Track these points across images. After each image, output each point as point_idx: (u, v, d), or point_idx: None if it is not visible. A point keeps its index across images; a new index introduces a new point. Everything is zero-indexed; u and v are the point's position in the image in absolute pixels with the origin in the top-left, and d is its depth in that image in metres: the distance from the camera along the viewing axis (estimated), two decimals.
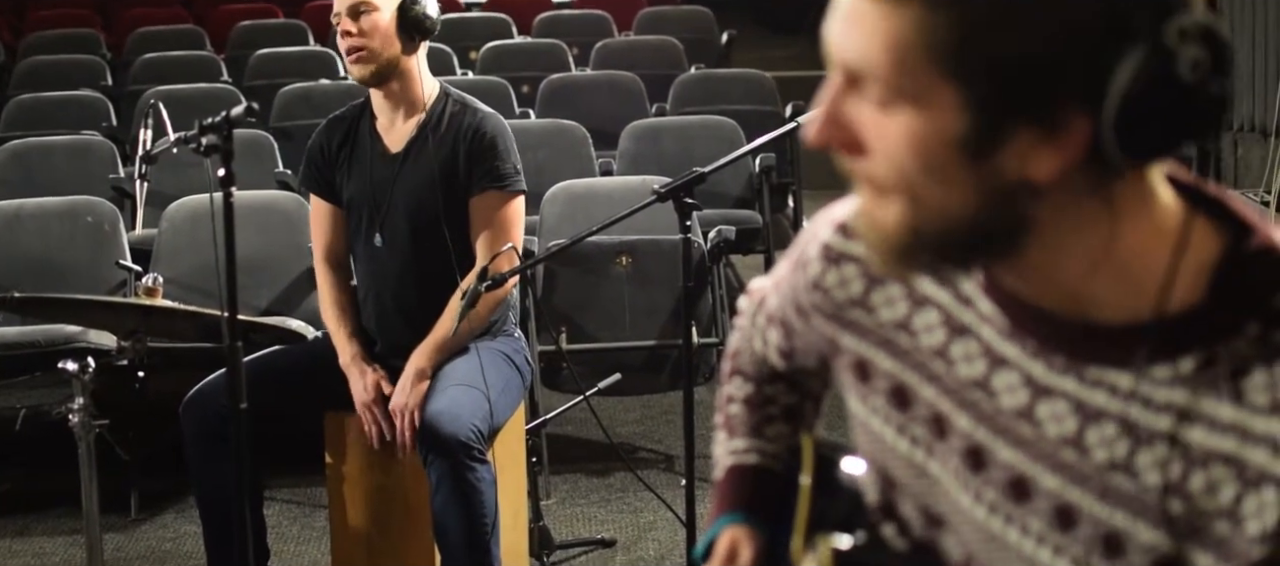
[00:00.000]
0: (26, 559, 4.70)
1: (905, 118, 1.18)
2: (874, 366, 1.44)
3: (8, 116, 8.24)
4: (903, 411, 1.41)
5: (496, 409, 3.72)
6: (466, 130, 3.82)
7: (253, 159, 6.62)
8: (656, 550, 4.56)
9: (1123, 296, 1.23)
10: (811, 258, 1.50)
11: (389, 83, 3.82)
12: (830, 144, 1.24)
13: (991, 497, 1.33)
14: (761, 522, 1.69)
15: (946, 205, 1.20)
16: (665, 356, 5.25)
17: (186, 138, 3.03)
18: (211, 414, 3.72)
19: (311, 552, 4.64)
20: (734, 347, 1.80)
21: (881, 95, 1.19)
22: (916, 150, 1.18)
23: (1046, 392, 1.28)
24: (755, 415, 1.75)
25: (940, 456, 1.38)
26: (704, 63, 9.43)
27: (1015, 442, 1.31)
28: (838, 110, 1.23)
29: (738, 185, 6.86)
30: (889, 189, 1.22)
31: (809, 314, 1.52)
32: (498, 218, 3.81)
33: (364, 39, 3.75)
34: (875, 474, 1.47)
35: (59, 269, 5.52)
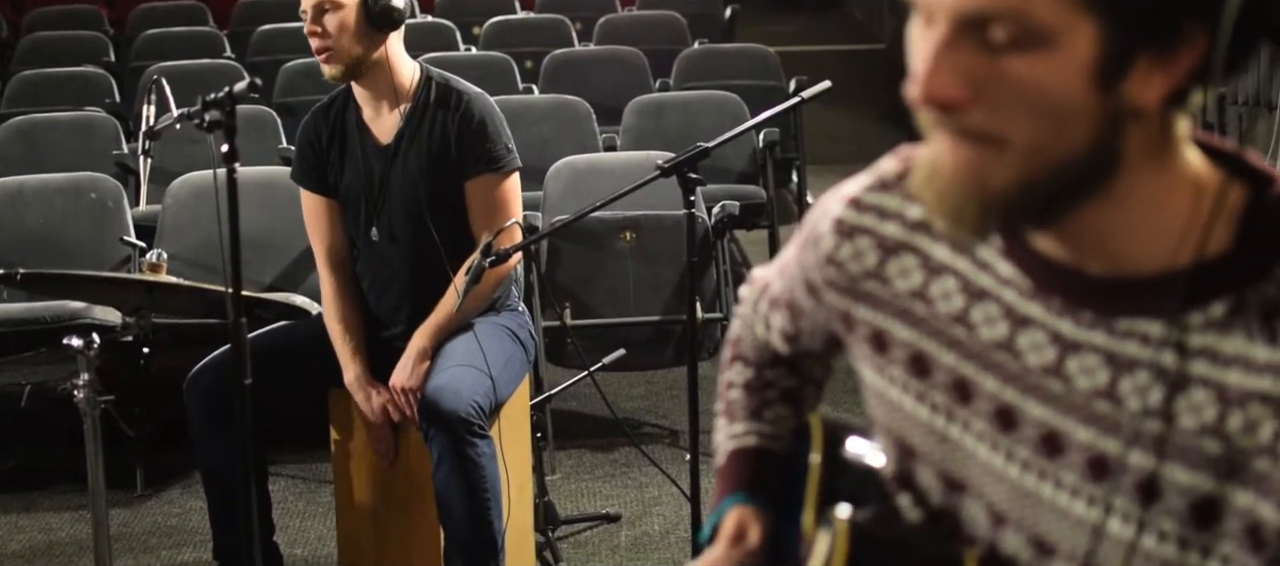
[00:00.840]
0: (33, 534, 4.71)
1: (1037, 57, 1.18)
2: (891, 337, 1.45)
3: (11, 93, 8.24)
4: (922, 379, 1.42)
5: (499, 384, 3.72)
6: (454, 115, 3.78)
7: (256, 135, 6.63)
8: (661, 524, 4.57)
9: (1152, 246, 1.25)
10: (824, 233, 1.50)
11: (364, 76, 3.78)
12: (941, 97, 1.21)
13: (1024, 455, 1.34)
14: (766, 502, 1.70)
15: (1059, 147, 1.20)
16: (669, 332, 5.26)
17: (190, 114, 3.02)
18: (215, 390, 3.72)
19: (317, 527, 4.65)
20: (735, 334, 1.80)
21: (1013, 37, 1.18)
22: (1050, 90, 1.18)
23: (1075, 348, 1.30)
24: (754, 399, 1.76)
25: (962, 421, 1.39)
26: (707, 38, 9.42)
27: (1046, 399, 1.32)
28: (948, 60, 1.21)
29: (742, 160, 6.85)
30: (1001, 141, 1.21)
31: (821, 290, 1.53)
32: (495, 198, 3.80)
33: (329, 39, 3.70)
34: (892, 444, 1.48)
35: (63, 245, 5.53)
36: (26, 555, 4.55)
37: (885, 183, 1.47)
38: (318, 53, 3.74)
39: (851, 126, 9.69)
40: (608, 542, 4.45)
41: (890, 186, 1.46)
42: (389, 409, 3.78)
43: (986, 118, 1.21)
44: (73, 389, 3.52)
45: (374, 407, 3.79)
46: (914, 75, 1.23)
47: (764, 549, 1.67)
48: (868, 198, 1.47)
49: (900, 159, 1.47)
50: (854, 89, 9.42)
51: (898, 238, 1.44)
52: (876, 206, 1.46)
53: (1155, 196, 1.25)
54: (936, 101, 1.21)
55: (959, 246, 1.39)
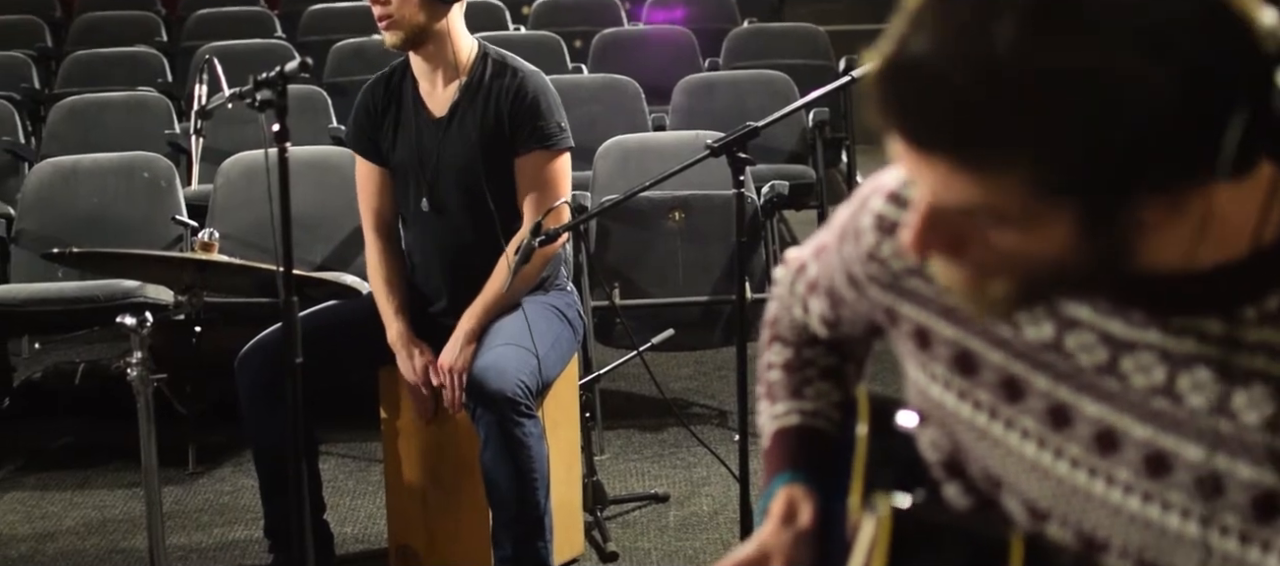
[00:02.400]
0: (87, 511, 4.75)
1: (1020, 231, 1.18)
2: (935, 334, 1.44)
3: (64, 73, 8.30)
4: (966, 377, 1.41)
5: (547, 364, 3.72)
6: (508, 91, 3.80)
7: (307, 114, 6.65)
8: (710, 505, 4.56)
9: (1207, 246, 1.24)
10: (864, 228, 1.50)
11: (424, 46, 3.79)
12: (930, 252, 1.24)
13: (1075, 452, 1.34)
14: (812, 479, 1.69)
15: (1060, 272, 1.21)
16: (718, 312, 5.25)
17: (242, 93, 3.03)
18: (267, 368, 3.75)
19: (367, 506, 4.67)
20: (772, 315, 1.79)
21: (990, 221, 1.19)
22: (1037, 251, 1.19)
23: (1129, 347, 1.29)
24: (795, 378, 1.75)
25: (1006, 419, 1.38)
26: (757, 16, 9.39)
27: (1101, 397, 1.32)
28: (936, 218, 1.22)
29: (791, 140, 6.83)
30: (994, 268, 1.23)
31: (863, 284, 1.52)
32: (544, 175, 3.80)
33: (391, 6, 3.71)
34: (940, 434, 1.47)
35: (116, 224, 5.57)
36: (81, 531, 4.59)
37: None
38: (379, 20, 3.74)
39: None
40: (656, 522, 4.46)
41: None
42: (430, 370, 3.79)
43: (980, 261, 1.23)
44: (126, 367, 3.54)
45: (415, 366, 3.80)
46: (905, 228, 1.25)
47: (815, 526, 1.67)
48: (908, 192, 1.46)
49: None
50: None
51: None
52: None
53: (1219, 214, 1.22)
54: (925, 256, 1.25)
55: None
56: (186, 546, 4.43)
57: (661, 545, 4.30)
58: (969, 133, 1.14)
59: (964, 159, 1.15)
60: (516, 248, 3.56)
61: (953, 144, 1.15)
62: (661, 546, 4.29)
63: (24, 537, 4.56)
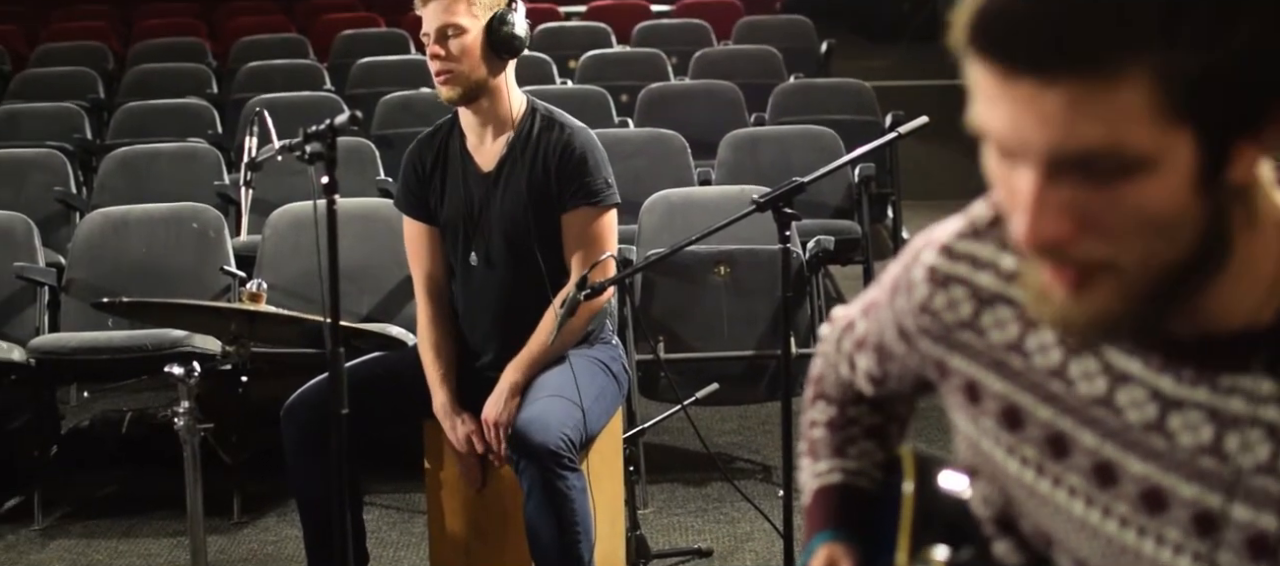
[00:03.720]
0: (132, 559, 4.77)
1: (1140, 181, 1.15)
2: (984, 388, 1.43)
3: (116, 124, 8.39)
4: (1013, 432, 1.40)
5: (590, 417, 3.72)
6: (556, 146, 3.81)
7: (355, 167, 6.69)
8: (754, 561, 4.55)
9: (1247, 301, 1.23)
10: (917, 281, 1.49)
11: (478, 101, 3.81)
12: (1050, 240, 1.18)
13: (1123, 511, 1.32)
14: (854, 538, 1.68)
15: (1171, 254, 1.18)
16: (763, 366, 5.24)
17: (291, 145, 3.05)
18: (312, 419, 3.75)
19: (410, 557, 4.67)
20: (817, 372, 1.78)
21: (1112, 169, 1.15)
22: (1158, 209, 1.16)
23: (1177, 405, 1.28)
24: (838, 436, 1.74)
25: (1053, 476, 1.37)
26: (803, 72, 9.41)
27: (1147, 455, 1.30)
28: (1050, 199, 1.17)
29: (837, 195, 6.83)
30: (1110, 265, 1.19)
31: (914, 338, 1.51)
32: (591, 232, 3.81)
33: (452, 62, 3.73)
34: (992, 490, 1.46)
35: (165, 274, 5.61)
36: None
37: (977, 229, 1.44)
38: (437, 74, 3.76)
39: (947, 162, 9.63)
40: None
41: (982, 234, 1.43)
42: (474, 439, 3.79)
43: (1096, 246, 1.18)
44: (173, 416, 3.57)
45: (459, 436, 3.80)
46: (1016, 220, 1.20)
47: None
48: (961, 246, 1.45)
49: (992, 204, 1.44)
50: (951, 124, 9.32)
51: (992, 288, 1.42)
52: (970, 255, 1.44)
53: (1249, 256, 1.22)
54: (1046, 245, 1.19)
55: None
56: None
57: None
58: (1089, 36, 1.11)
59: (1084, 72, 1.11)
60: (562, 301, 3.56)
61: (1073, 54, 1.11)
62: None
63: None
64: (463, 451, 3.81)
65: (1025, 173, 1.18)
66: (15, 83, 9.59)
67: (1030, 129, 1.15)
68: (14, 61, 10.43)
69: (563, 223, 3.81)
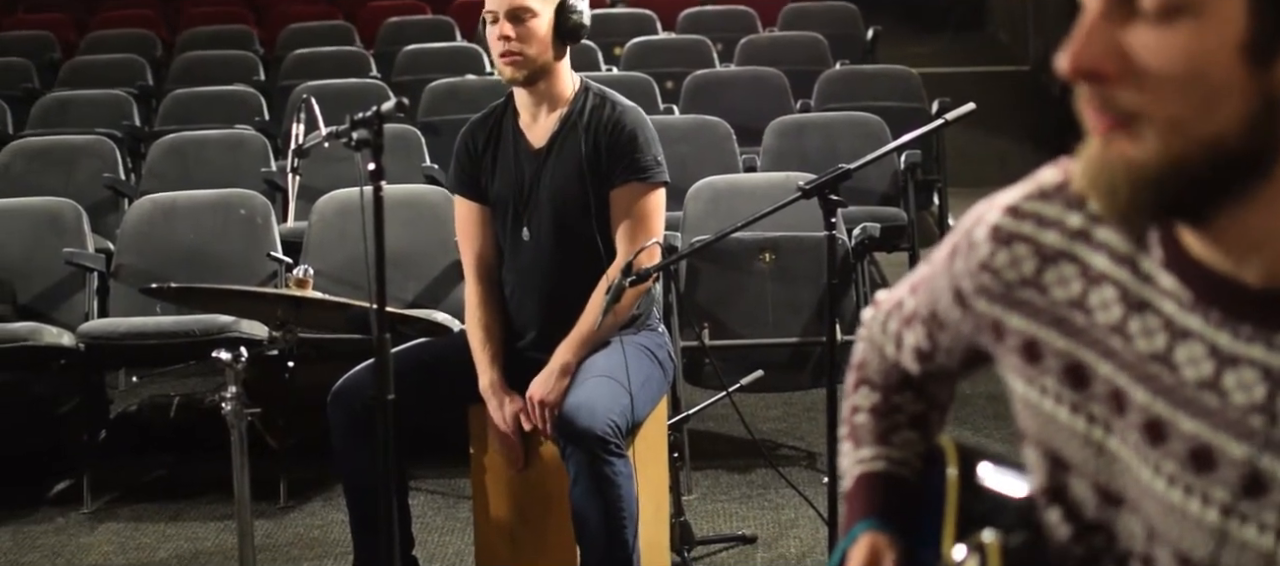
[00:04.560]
0: (179, 543, 4.80)
1: (1187, 29, 1.16)
2: (1045, 346, 1.43)
3: (164, 111, 8.44)
4: (1079, 390, 1.39)
5: (637, 403, 3.73)
6: (607, 124, 3.83)
7: (401, 153, 6.70)
8: (798, 548, 4.54)
9: None
10: (979, 240, 1.48)
11: (537, 83, 3.85)
12: (1089, 68, 1.21)
13: (1171, 469, 1.32)
14: (897, 528, 1.68)
15: (1211, 127, 1.18)
16: (808, 353, 5.23)
17: (338, 132, 3.07)
18: (358, 404, 3.77)
19: (456, 543, 4.69)
20: (860, 358, 1.77)
21: (1162, 8, 1.17)
22: (1198, 63, 1.17)
23: (1233, 361, 1.27)
24: (883, 423, 1.73)
25: (1119, 432, 1.37)
26: (849, 59, 9.38)
27: (1198, 413, 1.30)
28: (1100, 32, 1.20)
29: (883, 182, 6.81)
30: (1147, 117, 1.20)
31: (971, 299, 1.50)
32: (638, 209, 3.82)
33: (521, 44, 3.76)
34: (1043, 456, 1.45)
35: (212, 260, 5.64)
36: (173, 563, 4.65)
37: (1045, 191, 1.44)
38: (503, 55, 3.78)
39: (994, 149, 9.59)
40: (743, 564, 4.44)
41: (1050, 195, 1.44)
42: (521, 418, 3.81)
43: (1133, 94, 1.20)
44: (220, 401, 3.59)
45: (506, 415, 3.81)
46: (1068, 45, 1.23)
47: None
48: (1027, 205, 1.45)
49: (1060, 168, 1.44)
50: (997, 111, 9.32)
51: (1057, 245, 1.42)
52: (1036, 214, 1.44)
53: None
54: (1083, 72, 1.21)
55: (1119, 257, 1.37)
56: None
57: None
58: None
59: None
60: (608, 287, 3.57)
61: None
62: None
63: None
64: (508, 430, 3.82)
65: (1090, 3, 1.22)
66: (65, 71, 9.67)
67: None
68: (64, 50, 10.50)
69: (611, 198, 3.83)
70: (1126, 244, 1.36)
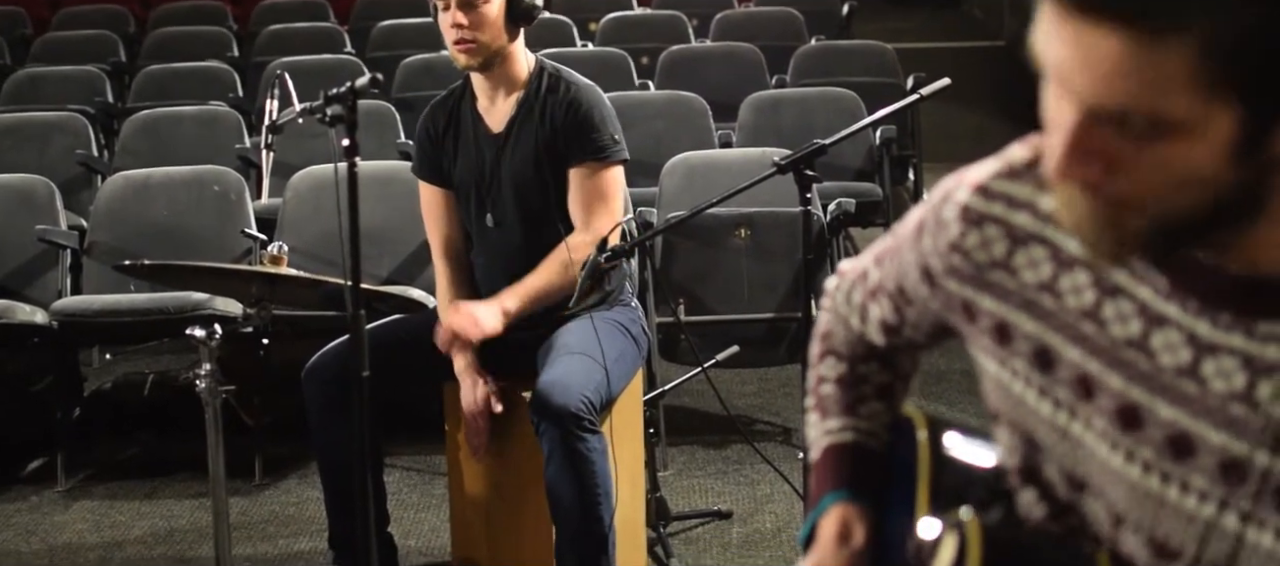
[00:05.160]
0: (154, 521, 4.79)
1: (1179, 144, 1.16)
2: (1015, 329, 1.42)
3: (137, 87, 8.40)
4: (1045, 373, 1.39)
5: (611, 379, 3.73)
6: (562, 104, 3.83)
7: (376, 129, 6.69)
8: (774, 522, 4.55)
9: None
10: (949, 219, 1.48)
11: (493, 68, 3.84)
12: (1078, 178, 1.21)
13: (1147, 456, 1.32)
14: (867, 499, 1.67)
15: (1198, 201, 1.19)
16: (783, 329, 5.24)
17: (312, 108, 3.06)
18: (333, 381, 3.77)
19: (431, 519, 4.69)
20: (825, 328, 1.77)
21: (1148, 128, 1.16)
22: (1190, 170, 1.17)
23: (1212, 349, 1.28)
24: (849, 394, 1.73)
25: (1084, 417, 1.36)
26: (824, 34, 9.37)
27: (1177, 400, 1.30)
28: (1085, 144, 1.20)
29: (858, 158, 6.81)
30: (1136, 200, 1.20)
31: (940, 278, 1.50)
32: (595, 186, 3.82)
33: (474, 31, 3.75)
34: (1016, 436, 1.45)
35: (186, 237, 5.62)
36: (148, 541, 4.63)
37: (1015, 170, 1.44)
38: (457, 43, 3.77)
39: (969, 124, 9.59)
40: (719, 539, 4.45)
41: (1020, 174, 1.43)
42: (493, 399, 3.80)
43: (1123, 188, 1.20)
44: (195, 378, 3.58)
45: (477, 396, 3.81)
46: (1053, 144, 1.22)
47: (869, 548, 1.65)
48: (997, 185, 1.44)
49: (1030, 146, 1.43)
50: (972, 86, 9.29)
51: (1028, 228, 1.41)
52: (1006, 195, 1.43)
53: None
54: (1068, 180, 1.22)
55: None
56: (252, 557, 4.46)
57: (724, 562, 4.29)
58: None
59: (1135, 24, 1.13)
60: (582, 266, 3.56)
61: (1133, 5, 1.13)
62: (724, 563, 4.28)
63: (92, 546, 4.61)
64: (477, 412, 3.81)
65: (1069, 109, 1.20)
66: (37, 46, 9.61)
67: (1077, 71, 1.17)
68: (35, 26, 10.43)
69: (569, 177, 3.82)
70: None
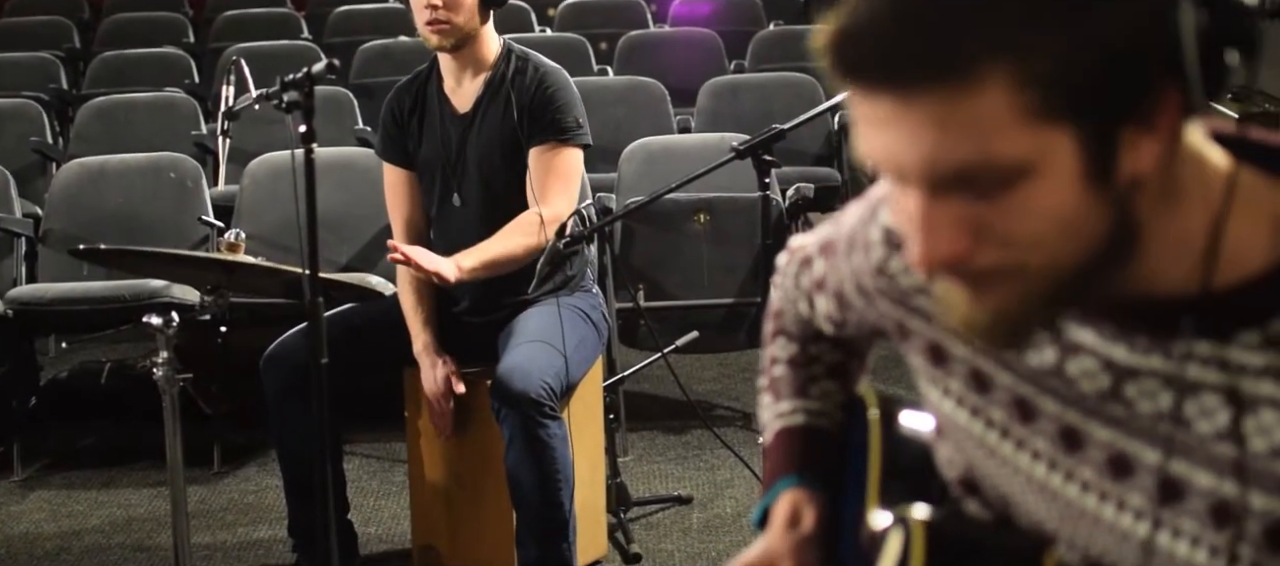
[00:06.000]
0: (112, 510, 4.76)
1: (1031, 189, 1.12)
2: (949, 351, 1.41)
3: (92, 74, 8.34)
4: (981, 394, 1.38)
5: (571, 365, 3.73)
6: (529, 86, 3.84)
7: (333, 115, 6.67)
8: (733, 507, 4.56)
9: (1177, 269, 1.20)
10: (873, 242, 1.46)
11: (463, 49, 3.84)
12: (946, 259, 1.16)
13: (1087, 475, 1.31)
14: (818, 483, 1.67)
15: (1077, 250, 1.15)
16: (743, 314, 5.24)
17: (268, 94, 3.05)
18: (292, 369, 3.76)
19: (391, 506, 4.68)
20: (776, 307, 1.75)
21: (992, 182, 1.12)
22: (1053, 211, 1.13)
23: (1132, 374, 1.26)
24: (801, 375, 1.72)
25: (1017, 439, 1.36)
26: (783, 19, 9.38)
27: (1109, 422, 1.28)
28: (938, 220, 1.15)
29: (816, 142, 6.83)
30: (1013, 267, 1.16)
31: (874, 296, 1.49)
32: (555, 166, 3.81)
33: (448, 12, 3.76)
34: (954, 453, 1.45)
35: (143, 224, 5.58)
36: (106, 530, 4.61)
37: None
38: (430, 23, 3.77)
39: None
40: (680, 524, 4.46)
41: None
42: (454, 380, 3.80)
43: (996, 255, 1.16)
44: (152, 367, 3.56)
45: (437, 377, 3.81)
46: (912, 251, 1.17)
47: (820, 532, 1.65)
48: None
49: None
50: None
51: None
52: None
53: (1171, 231, 1.19)
54: (942, 264, 1.17)
55: None
56: (211, 545, 4.44)
57: (685, 547, 4.29)
58: (941, 42, 1.09)
59: (942, 81, 1.09)
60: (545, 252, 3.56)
61: (926, 61, 1.09)
62: (685, 548, 4.29)
63: (50, 536, 4.58)
64: (439, 394, 3.81)
65: (912, 194, 1.16)
66: None
67: (901, 149, 1.13)
68: None
69: (530, 157, 3.82)
70: None
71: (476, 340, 3.88)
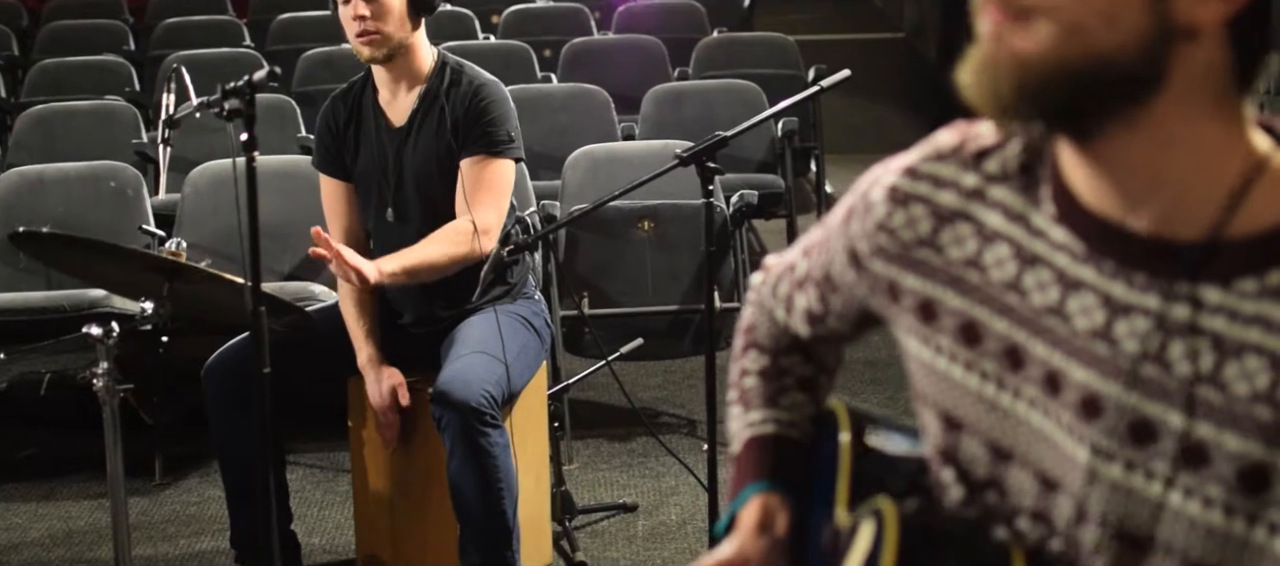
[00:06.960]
0: (52, 522, 4.72)
1: None
2: (941, 305, 1.44)
3: (31, 82, 8.27)
4: (972, 347, 1.41)
5: (513, 373, 3.72)
6: (464, 98, 3.83)
7: (275, 123, 6.64)
8: (679, 514, 4.56)
9: (1208, 211, 1.25)
10: (876, 201, 1.50)
11: (395, 60, 3.83)
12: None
13: (1067, 419, 1.34)
14: (788, 490, 1.68)
15: (1108, 39, 1.21)
16: (687, 321, 5.25)
17: (209, 102, 3.03)
18: (234, 378, 3.74)
19: (335, 516, 4.66)
20: (748, 321, 1.78)
21: None
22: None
23: (1125, 310, 1.30)
24: (771, 386, 1.74)
25: (1013, 388, 1.39)
26: (727, 26, 9.40)
27: (1089, 362, 1.32)
28: None
29: (760, 149, 6.84)
30: (1046, 14, 1.21)
31: (867, 260, 1.52)
32: (485, 178, 3.80)
33: (377, 22, 3.75)
34: (937, 417, 1.47)
35: (83, 233, 5.51)
36: (46, 543, 4.57)
37: (941, 152, 1.47)
38: (360, 34, 3.76)
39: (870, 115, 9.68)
40: (625, 532, 4.46)
41: (946, 156, 1.46)
42: (399, 391, 3.79)
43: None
44: (92, 377, 3.52)
45: (383, 390, 3.80)
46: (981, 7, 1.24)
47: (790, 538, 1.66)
48: (923, 167, 1.47)
49: (957, 130, 1.47)
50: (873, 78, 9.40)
51: (953, 206, 1.44)
52: (932, 175, 1.46)
53: (1206, 147, 1.25)
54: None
55: (1013, 214, 1.39)
56: (153, 557, 4.41)
57: (630, 555, 4.29)
58: None
59: None
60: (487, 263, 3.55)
61: None
62: (630, 556, 4.29)
63: None
64: (384, 406, 3.80)
65: None
66: None
67: None
68: None
69: (461, 168, 3.81)
70: (1020, 201, 1.38)
71: (419, 350, 3.87)
